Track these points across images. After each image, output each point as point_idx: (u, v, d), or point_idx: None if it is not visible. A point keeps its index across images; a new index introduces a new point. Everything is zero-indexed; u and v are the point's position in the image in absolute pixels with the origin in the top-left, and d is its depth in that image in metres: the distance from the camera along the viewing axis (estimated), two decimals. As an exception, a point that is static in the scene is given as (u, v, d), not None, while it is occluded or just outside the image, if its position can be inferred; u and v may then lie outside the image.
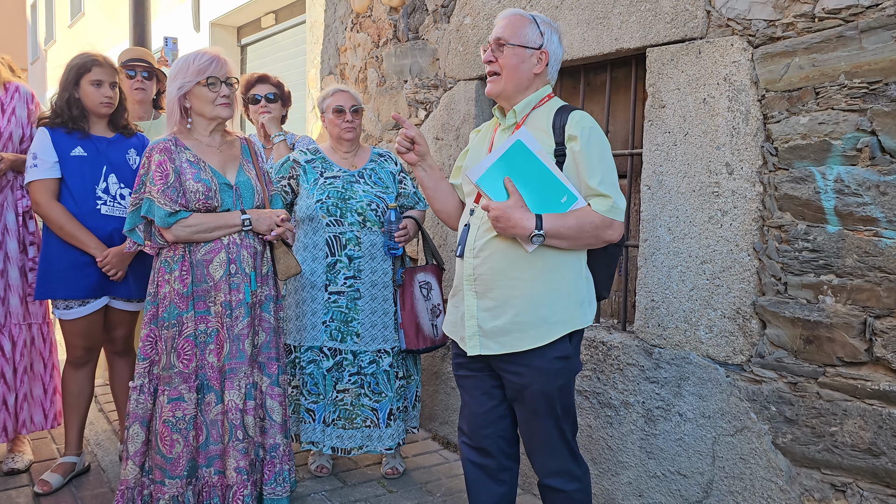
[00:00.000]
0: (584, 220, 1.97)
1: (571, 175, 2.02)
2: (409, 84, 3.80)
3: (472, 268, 2.09)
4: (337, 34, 4.52)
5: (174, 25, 10.17)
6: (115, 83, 2.85)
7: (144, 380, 2.50)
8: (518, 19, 2.11)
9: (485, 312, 2.07)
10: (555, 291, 2.03)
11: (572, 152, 2.01)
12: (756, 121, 2.22)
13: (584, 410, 2.77)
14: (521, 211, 1.96)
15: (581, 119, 2.03)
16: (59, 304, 2.83)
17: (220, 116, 2.51)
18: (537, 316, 2.02)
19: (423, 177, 2.27)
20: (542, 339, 2.01)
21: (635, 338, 2.61)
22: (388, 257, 2.95)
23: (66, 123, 2.79)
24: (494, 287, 2.05)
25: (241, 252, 2.52)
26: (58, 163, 2.76)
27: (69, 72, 2.79)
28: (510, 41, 2.08)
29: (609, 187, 1.98)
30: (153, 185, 2.43)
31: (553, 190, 1.99)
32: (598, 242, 2.03)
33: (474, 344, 2.09)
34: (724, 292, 2.32)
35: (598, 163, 1.99)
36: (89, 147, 2.82)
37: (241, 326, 2.51)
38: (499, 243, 2.04)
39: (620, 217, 2.00)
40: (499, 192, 2.01)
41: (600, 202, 1.98)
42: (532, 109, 2.12)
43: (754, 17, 2.22)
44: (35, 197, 2.76)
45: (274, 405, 2.61)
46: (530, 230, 1.94)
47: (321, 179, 2.97)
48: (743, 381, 2.28)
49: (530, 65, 2.10)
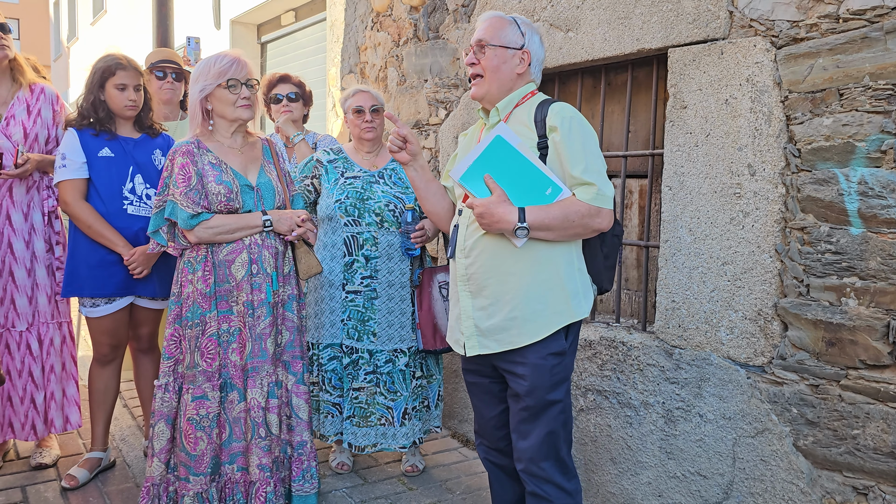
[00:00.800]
0: (569, 210, 1.97)
1: (555, 167, 2.02)
2: (429, 83, 3.82)
3: (464, 267, 2.11)
4: (357, 33, 4.54)
5: (195, 23, 10.25)
6: (139, 86, 2.89)
7: (169, 378, 2.54)
8: (498, 21, 2.13)
9: (480, 311, 2.08)
10: (545, 283, 2.03)
11: (554, 143, 2.02)
12: (779, 122, 2.21)
13: (603, 410, 2.78)
14: (504, 205, 1.97)
15: (561, 110, 2.04)
16: (86, 302, 2.88)
17: (240, 118, 2.54)
18: (531, 310, 2.02)
19: (414, 177, 2.27)
20: (538, 333, 2.02)
21: (655, 338, 2.61)
22: (405, 257, 2.97)
23: (94, 125, 2.84)
24: (487, 285, 2.06)
25: (262, 252, 2.55)
26: (86, 163, 2.81)
27: (94, 75, 2.84)
28: (491, 42, 2.10)
29: (593, 175, 1.98)
30: (176, 188, 2.47)
31: (537, 182, 1.99)
32: (587, 232, 2.03)
33: (473, 344, 2.11)
34: (745, 294, 2.31)
35: (581, 151, 1.99)
36: (116, 148, 2.87)
37: (263, 326, 2.55)
38: (488, 241, 2.05)
39: (608, 204, 1.99)
40: (482, 189, 2.03)
41: (585, 190, 1.98)
42: (515, 107, 2.13)
43: (778, 17, 2.21)
44: (64, 196, 2.81)
45: (300, 403, 2.65)
46: (514, 223, 1.95)
47: (341, 179, 2.99)
48: (764, 382, 2.28)
49: (512, 65, 2.12)
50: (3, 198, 2.94)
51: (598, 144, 2.05)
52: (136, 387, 3.22)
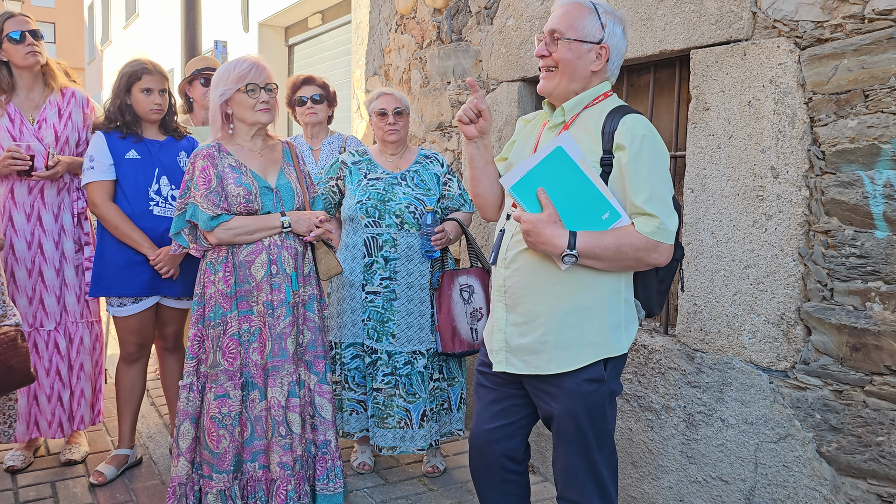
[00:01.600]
0: (623, 241, 1.79)
1: (617, 188, 1.83)
2: (452, 85, 3.83)
3: (502, 279, 1.96)
4: (381, 35, 4.56)
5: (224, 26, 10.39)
6: (164, 90, 2.94)
7: (193, 378, 2.59)
8: (576, 8, 1.88)
9: (513, 327, 1.94)
10: (584, 311, 1.87)
11: (619, 163, 1.82)
12: (802, 124, 2.18)
13: (625, 413, 2.76)
14: (554, 227, 1.80)
15: (633, 125, 1.82)
16: (113, 302, 2.94)
17: (259, 122, 2.57)
18: (565, 337, 1.86)
19: (475, 155, 2.05)
20: (569, 364, 1.87)
21: (677, 342, 2.59)
22: (425, 260, 2.97)
23: (121, 128, 2.91)
24: (522, 302, 1.92)
25: (281, 253, 2.58)
26: (113, 165, 2.88)
27: (120, 79, 2.91)
28: (566, 34, 1.86)
29: (657, 205, 1.78)
30: (197, 190, 2.52)
31: (594, 204, 1.81)
32: (639, 266, 1.85)
33: (500, 359, 1.97)
34: (768, 297, 2.28)
35: (647, 177, 1.79)
36: (142, 150, 2.93)
37: (282, 325, 2.58)
38: (529, 256, 1.89)
39: (668, 239, 1.80)
40: (533, 203, 1.85)
41: (646, 222, 1.79)
42: (584, 108, 1.92)
43: (802, 18, 2.18)
44: (92, 198, 2.87)
45: (323, 402, 2.67)
46: (562, 249, 1.78)
47: (364, 181, 3.02)
48: (787, 387, 2.25)
49: (587, 61, 1.89)
50: (35, 199, 3.01)
51: (668, 168, 1.85)
52: (161, 385, 3.28)
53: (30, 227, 3.01)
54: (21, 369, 2.12)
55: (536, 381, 1.95)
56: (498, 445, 2.07)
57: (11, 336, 2.11)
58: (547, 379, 1.92)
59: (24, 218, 3.00)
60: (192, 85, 3.66)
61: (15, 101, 3.00)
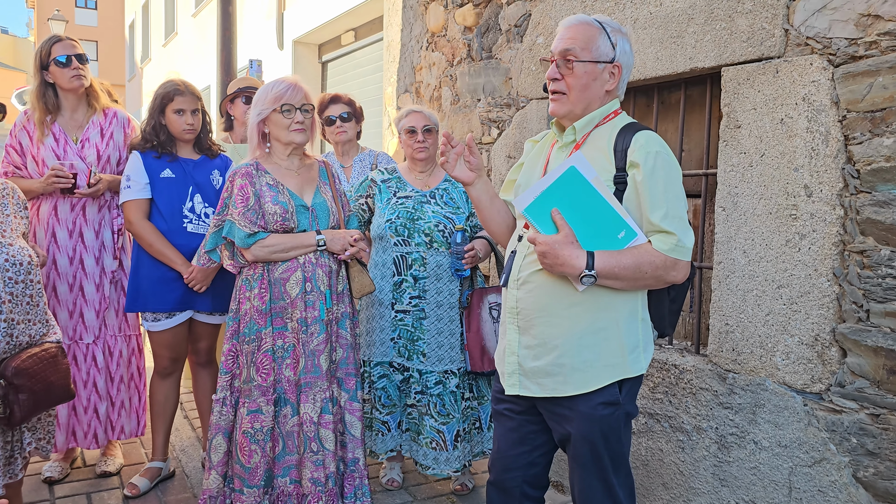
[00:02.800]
0: (642, 260, 1.76)
1: (632, 206, 1.81)
2: (482, 103, 3.85)
3: (514, 300, 1.92)
4: (413, 53, 4.61)
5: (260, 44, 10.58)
6: (196, 110, 3.02)
7: (226, 392, 2.63)
8: (587, 28, 1.87)
9: (526, 350, 1.90)
10: (601, 332, 1.84)
11: (634, 181, 1.80)
12: (836, 142, 2.15)
13: (655, 434, 2.73)
14: (571, 247, 1.77)
15: (646, 143, 1.80)
16: (148, 317, 3.01)
17: (293, 141, 2.62)
18: (581, 359, 1.84)
19: (480, 195, 2.06)
20: (585, 386, 1.84)
21: (708, 362, 2.56)
22: (454, 278, 2.97)
23: (156, 148, 2.99)
24: (536, 324, 1.88)
25: (316, 271, 2.62)
26: (149, 184, 2.95)
27: (155, 100, 2.99)
28: (581, 56, 1.84)
29: (674, 222, 1.77)
30: (235, 208, 2.57)
31: (609, 223, 1.79)
32: (658, 284, 1.83)
33: (514, 382, 1.93)
34: (801, 318, 2.25)
35: (663, 194, 1.77)
36: (177, 169, 3.00)
37: (316, 342, 2.61)
38: (543, 276, 1.86)
39: (686, 256, 1.79)
40: (548, 224, 1.83)
41: (663, 240, 1.77)
42: (594, 127, 1.90)
43: (835, 35, 2.16)
44: (128, 216, 2.95)
45: (353, 420, 2.69)
46: (580, 269, 1.75)
47: (393, 199, 3.04)
48: (822, 410, 2.20)
49: (602, 82, 1.87)
50: (77, 216, 3.10)
51: (681, 184, 1.83)
52: (194, 399, 3.33)
53: (72, 243, 3.09)
54: (61, 385, 2.16)
55: (550, 403, 1.92)
56: (520, 472, 2.04)
57: (52, 353, 2.15)
58: (561, 402, 1.89)
59: (67, 234, 3.09)
60: (234, 103, 3.75)
61: (60, 122, 3.10)
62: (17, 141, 3.09)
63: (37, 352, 2.11)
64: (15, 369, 2.02)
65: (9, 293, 2.06)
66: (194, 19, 14.68)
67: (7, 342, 2.06)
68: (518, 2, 3.50)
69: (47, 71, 3.04)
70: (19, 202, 2.25)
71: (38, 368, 2.08)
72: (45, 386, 2.09)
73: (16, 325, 2.08)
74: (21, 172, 3.09)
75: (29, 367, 2.06)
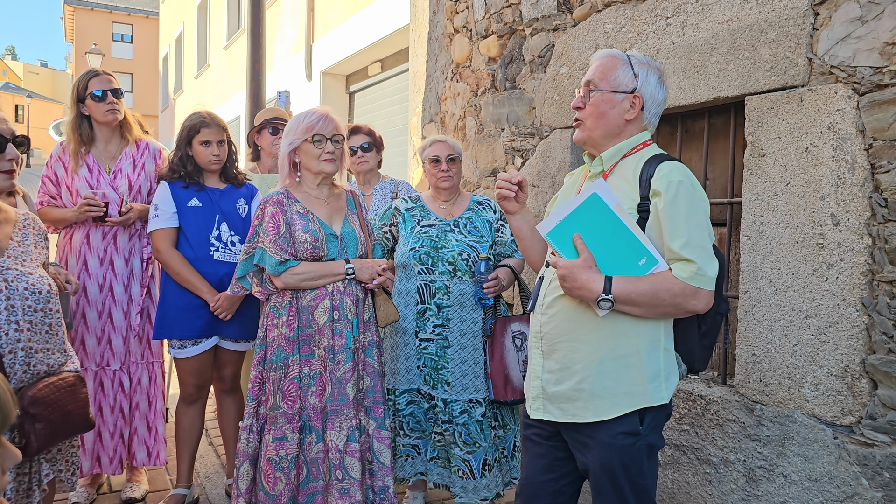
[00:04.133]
0: (659, 287, 1.78)
1: (654, 235, 1.84)
2: (506, 132, 3.88)
3: (539, 325, 1.96)
4: (438, 83, 4.68)
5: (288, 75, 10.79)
6: (222, 140, 3.08)
7: (253, 419, 2.64)
8: (610, 60, 1.95)
9: (549, 374, 1.93)
10: (621, 359, 1.85)
11: (656, 210, 1.83)
12: (863, 171, 2.14)
13: (682, 466, 2.69)
14: (589, 272, 1.80)
15: (669, 172, 1.84)
16: (174, 344, 3.05)
17: (323, 171, 2.66)
18: (600, 386, 1.85)
19: (521, 225, 2.13)
20: (605, 413, 1.84)
21: (735, 393, 2.52)
22: (478, 307, 2.97)
23: (183, 178, 3.06)
24: (558, 349, 1.91)
25: (344, 299, 2.64)
26: (176, 213, 3.01)
27: (182, 132, 3.08)
28: (599, 86, 1.93)
29: (695, 251, 1.78)
30: (266, 236, 2.61)
31: (630, 250, 1.82)
32: (677, 312, 1.84)
33: (538, 406, 1.96)
34: (830, 349, 2.21)
35: (684, 223, 1.79)
36: (203, 198, 3.06)
37: (343, 370, 2.62)
38: (566, 302, 1.90)
39: (708, 285, 1.79)
40: (569, 249, 1.87)
41: (682, 267, 1.79)
42: (622, 157, 1.95)
43: (859, 64, 2.15)
44: (156, 244, 3.02)
45: (382, 448, 2.69)
46: (597, 293, 1.79)
47: (417, 227, 3.06)
48: (853, 443, 2.15)
49: (621, 110, 1.93)
50: (108, 244, 3.17)
51: (707, 214, 1.84)
52: (219, 426, 3.35)
53: (102, 271, 3.16)
54: (80, 415, 2.12)
55: (573, 430, 1.93)
56: (546, 500, 2.04)
57: (70, 381, 2.12)
58: (582, 430, 1.90)
59: (98, 262, 3.16)
60: (261, 134, 3.83)
61: (93, 153, 3.19)
62: (52, 172, 3.19)
63: (54, 381, 2.08)
64: (31, 398, 1.99)
65: (27, 321, 2.07)
66: (225, 52, 15.04)
67: (25, 370, 2.04)
68: (541, 33, 3.54)
69: (83, 104, 3.14)
70: (40, 233, 2.28)
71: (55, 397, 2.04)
72: (62, 415, 2.05)
73: (34, 353, 2.07)
74: (56, 202, 3.18)
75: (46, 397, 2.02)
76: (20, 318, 2.04)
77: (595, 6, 3.17)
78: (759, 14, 2.43)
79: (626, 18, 3.00)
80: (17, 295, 2.06)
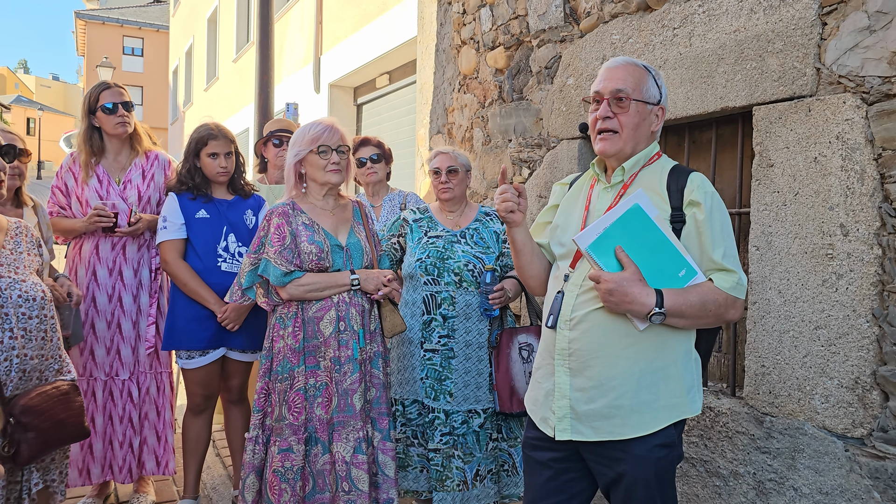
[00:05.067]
0: (707, 298, 1.77)
1: (690, 244, 1.83)
2: (513, 143, 3.89)
3: (566, 341, 1.87)
4: (445, 95, 4.69)
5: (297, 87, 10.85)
6: (230, 153, 3.10)
7: (258, 431, 2.64)
8: (637, 70, 1.92)
9: (579, 393, 1.85)
10: (660, 371, 1.82)
11: (695, 220, 1.82)
12: (872, 180, 2.12)
13: (691, 478, 2.66)
14: (640, 285, 1.76)
15: (703, 183, 1.85)
16: (182, 354, 3.06)
17: (329, 182, 2.67)
18: (640, 400, 1.80)
19: (524, 238, 2.06)
20: (645, 428, 1.80)
21: (745, 404, 2.50)
22: (484, 318, 2.96)
23: (192, 189, 3.07)
24: (592, 365, 1.84)
25: (349, 310, 2.64)
26: (184, 224, 3.02)
27: (189, 144, 3.09)
28: (633, 95, 1.88)
29: (733, 261, 1.80)
30: (271, 247, 2.61)
31: (671, 262, 1.79)
32: (717, 322, 1.82)
33: (564, 427, 1.87)
34: (840, 360, 2.19)
35: (721, 233, 1.80)
36: (211, 210, 3.07)
37: (349, 381, 2.61)
38: (601, 315, 1.83)
39: (743, 295, 1.81)
40: (611, 262, 1.80)
41: (725, 278, 1.79)
42: (641, 168, 1.94)
43: (868, 73, 2.15)
44: (164, 256, 3.03)
45: (386, 460, 2.68)
46: (650, 307, 1.74)
47: (424, 238, 3.06)
48: (864, 456, 2.13)
49: (649, 123, 1.93)
50: (118, 255, 3.19)
51: (731, 226, 1.88)
52: (226, 437, 3.35)
53: (111, 281, 3.17)
54: (74, 423, 2.12)
55: (600, 447, 1.86)
56: None
57: (64, 390, 2.12)
58: (614, 444, 1.84)
59: (107, 272, 3.17)
60: (267, 146, 3.84)
61: (104, 164, 3.22)
62: (62, 182, 3.21)
63: (47, 389, 2.08)
64: (23, 407, 1.99)
65: (22, 328, 2.07)
66: (235, 65, 15.14)
67: (20, 377, 2.04)
68: (548, 44, 3.55)
69: (94, 116, 3.17)
70: (33, 240, 2.29)
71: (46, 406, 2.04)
72: (54, 424, 2.04)
73: (28, 360, 2.07)
74: (66, 213, 3.20)
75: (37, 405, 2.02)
76: (14, 326, 2.04)
77: (602, 17, 3.18)
78: (766, 24, 2.43)
79: (632, 29, 3.00)
80: (10, 303, 2.06)
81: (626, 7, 3.03)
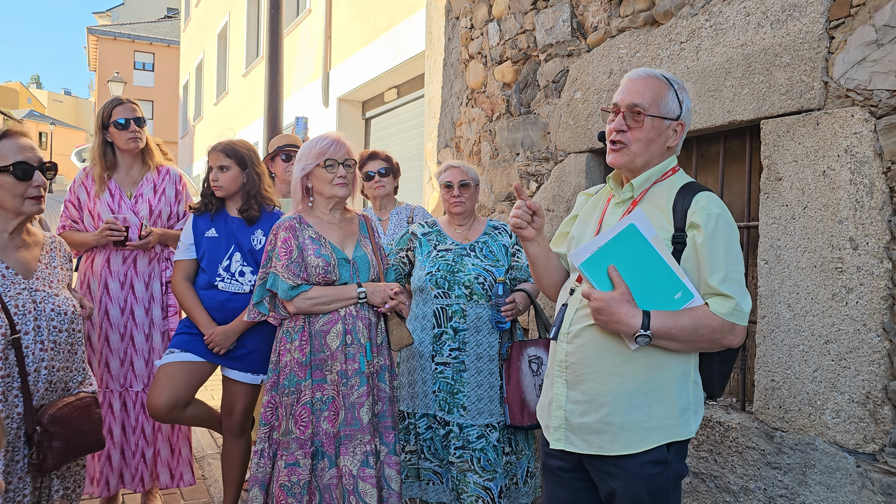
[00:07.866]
0: (699, 323, 1.74)
1: (690, 267, 1.79)
2: (520, 157, 3.90)
3: (564, 354, 1.89)
4: (453, 109, 4.71)
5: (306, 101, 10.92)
6: (223, 166, 3.01)
7: (265, 444, 2.64)
8: (657, 83, 1.87)
9: (573, 405, 1.87)
10: (652, 392, 1.80)
11: (694, 243, 1.79)
12: (882, 194, 2.12)
13: (700, 494, 2.64)
14: (627, 306, 1.75)
15: (707, 204, 1.79)
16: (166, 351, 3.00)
17: (336, 196, 2.68)
18: (630, 419, 1.80)
19: (538, 251, 2.05)
20: (634, 446, 1.80)
21: (755, 419, 2.48)
22: (494, 331, 2.96)
23: (208, 207, 3.07)
24: (585, 380, 1.85)
25: (356, 323, 2.64)
26: (193, 245, 3.04)
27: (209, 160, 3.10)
28: (649, 111, 1.84)
29: (733, 286, 1.75)
30: (278, 261, 2.62)
31: (666, 283, 1.77)
32: (713, 347, 1.80)
33: (559, 437, 1.90)
34: (851, 375, 2.18)
35: (723, 257, 1.75)
36: (220, 228, 3.05)
37: (356, 395, 2.61)
38: (595, 332, 1.83)
39: (744, 321, 1.77)
40: (603, 280, 1.80)
41: (721, 303, 1.75)
42: (653, 184, 1.90)
43: (876, 87, 2.15)
44: (172, 275, 3.07)
45: (392, 474, 2.67)
46: (635, 329, 1.73)
47: (434, 252, 3.06)
48: (876, 472, 2.11)
49: (665, 138, 1.87)
50: (129, 268, 3.21)
51: (740, 247, 1.82)
52: (221, 468, 3.15)
53: (123, 294, 3.20)
54: (93, 434, 2.23)
55: (596, 460, 1.88)
56: None
57: (87, 402, 2.23)
58: (608, 458, 1.85)
59: (119, 286, 3.19)
60: (274, 161, 3.87)
61: (116, 178, 3.25)
62: (75, 196, 3.24)
63: (72, 401, 2.18)
64: (51, 417, 2.09)
65: (52, 341, 2.15)
66: (244, 79, 15.26)
67: (46, 388, 2.14)
68: (556, 58, 3.57)
69: (107, 131, 3.20)
70: (65, 255, 2.37)
71: (72, 417, 2.15)
72: (77, 434, 2.15)
73: (56, 371, 2.16)
74: (78, 226, 3.23)
75: (64, 416, 2.12)
76: (45, 338, 2.13)
77: (609, 32, 3.19)
78: (773, 38, 2.43)
79: (640, 44, 3.01)
80: (43, 316, 2.14)
81: (633, 21, 3.04)
